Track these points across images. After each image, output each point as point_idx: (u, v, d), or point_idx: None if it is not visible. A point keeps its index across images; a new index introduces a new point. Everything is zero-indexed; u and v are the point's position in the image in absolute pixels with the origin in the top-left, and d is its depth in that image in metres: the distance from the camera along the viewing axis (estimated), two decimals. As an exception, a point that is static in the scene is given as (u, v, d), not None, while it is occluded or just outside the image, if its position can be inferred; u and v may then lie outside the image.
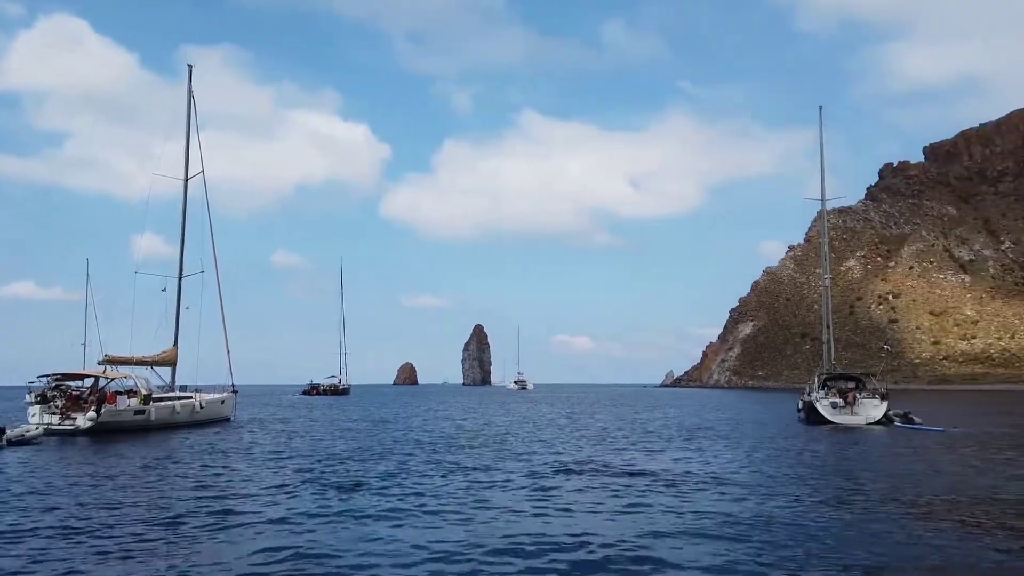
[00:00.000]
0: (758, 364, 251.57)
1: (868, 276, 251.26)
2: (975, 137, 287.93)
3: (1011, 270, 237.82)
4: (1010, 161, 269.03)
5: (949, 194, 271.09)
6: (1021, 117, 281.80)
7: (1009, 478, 17.58)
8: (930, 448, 25.51)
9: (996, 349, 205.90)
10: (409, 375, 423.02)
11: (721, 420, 45.54)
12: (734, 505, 13.77)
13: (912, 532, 11.33)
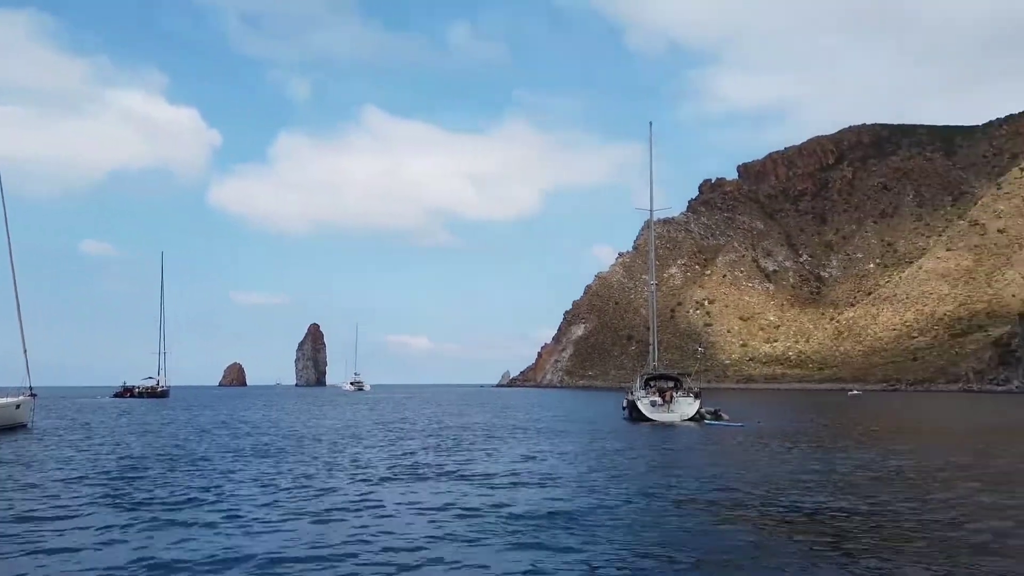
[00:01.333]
0: (588, 364, 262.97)
1: (688, 283, 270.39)
2: (780, 159, 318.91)
3: (807, 280, 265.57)
4: (809, 182, 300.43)
5: (758, 210, 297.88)
6: (818, 143, 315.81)
7: (795, 468, 19.39)
8: (732, 442, 27.69)
9: (793, 351, 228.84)
10: (237, 376, 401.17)
11: (552, 419, 46.92)
12: (553, 502, 14.05)
13: (712, 522, 12.10)
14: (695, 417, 39.92)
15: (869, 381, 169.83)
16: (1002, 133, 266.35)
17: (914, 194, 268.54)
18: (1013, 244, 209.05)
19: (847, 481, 17.12)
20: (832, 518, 12.57)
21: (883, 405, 73.23)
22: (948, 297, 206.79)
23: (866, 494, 15.04)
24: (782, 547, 10.44)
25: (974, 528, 11.63)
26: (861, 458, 21.91)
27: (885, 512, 13.03)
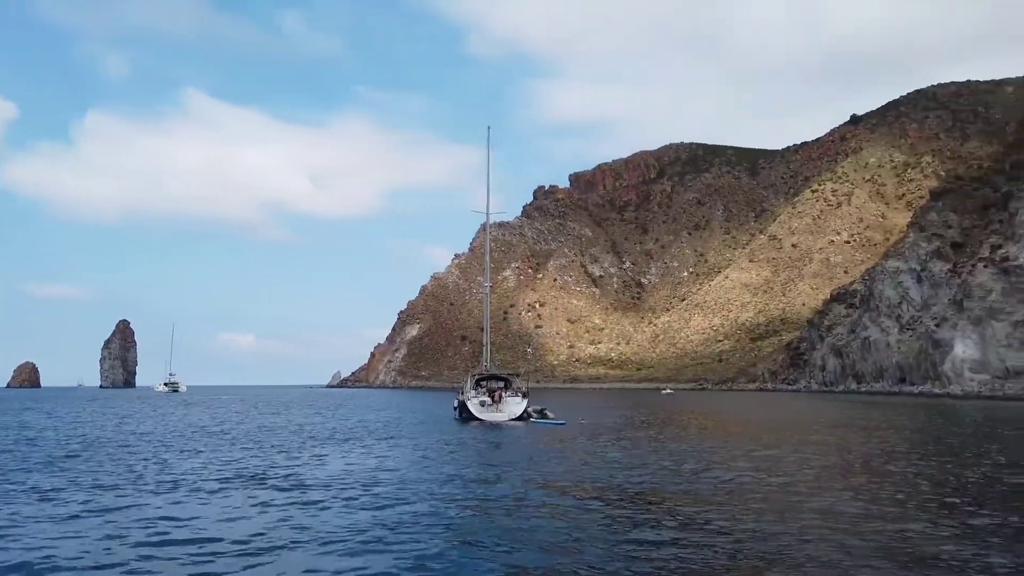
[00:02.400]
0: (422, 365, 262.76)
1: (520, 286, 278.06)
2: (608, 170, 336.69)
3: (629, 286, 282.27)
4: (633, 194, 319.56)
5: (587, 217, 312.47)
6: (642, 158, 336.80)
7: (608, 460, 20.86)
8: (555, 439, 29.14)
9: (616, 353, 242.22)
10: (29, 376, 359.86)
11: (383, 420, 46.62)
12: (380, 506, 14.20)
13: (531, 515, 12.85)
14: (523, 416, 41.32)
15: (681, 381, 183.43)
16: (797, 158, 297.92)
17: (723, 209, 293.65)
18: (804, 258, 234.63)
19: (660, 468, 18.70)
20: (646, 501, 13.77)
21: (691, 402, 79.67)
22: (749, 305, 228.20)
23: (670, 479, 16.56)
24: (597, 534, 11.33)
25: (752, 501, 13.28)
26: (670, 449, 23.94)
27: (685, 493, 14.47)
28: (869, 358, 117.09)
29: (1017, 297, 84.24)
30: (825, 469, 19.91)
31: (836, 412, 55.28)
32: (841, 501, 14.19)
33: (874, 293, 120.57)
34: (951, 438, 30.24)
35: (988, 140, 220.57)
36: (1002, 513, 13.12)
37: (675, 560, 9.78)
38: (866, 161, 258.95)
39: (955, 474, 18.54)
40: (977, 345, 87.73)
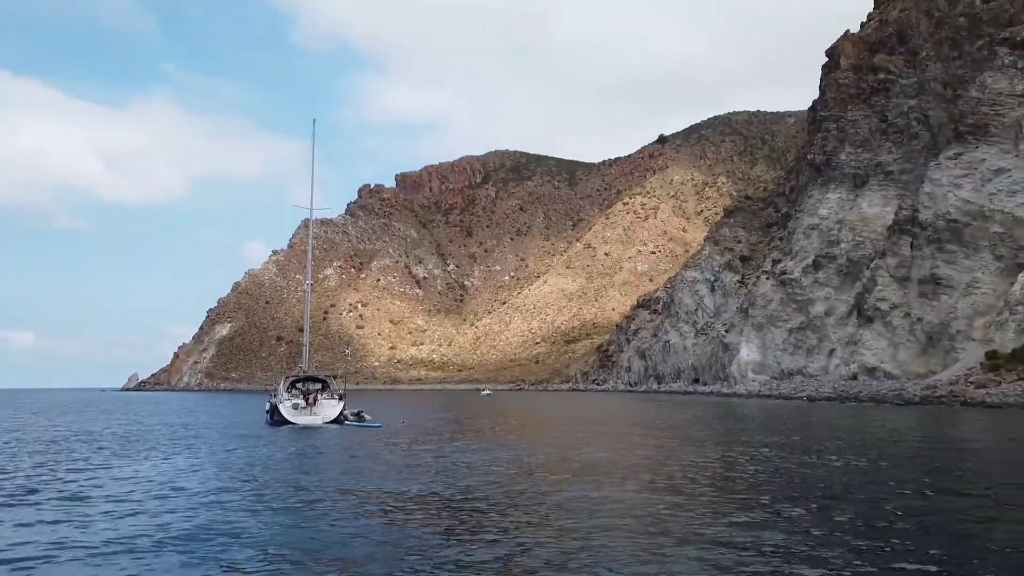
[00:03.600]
0: (232, 366, 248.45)
1: (342, 285, 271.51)
2: (435, 172, 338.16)
3: (453, 288, 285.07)
4: (459, 197, 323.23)
5: (413, 219, 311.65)
6: (469, 162, 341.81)
7: (422, 461, 21.08)
8: (369, 441, 28.89)
9: (438, 355, 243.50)
10: None
11: (185, 425, 43.62)
12: (181, 519, 13.41)
13: (337, 518, 12.72)
14: (338, 419, 40.45)
15: (500, 382, 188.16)
16: (612, 172, 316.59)
17: (544, 217, 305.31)
18: (615, 266, 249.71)
19: (468, 469, 19.15)
20: (457, 503, 14.07)
21: (508, 402, 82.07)
22: (565, 309, 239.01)
23: (479, 479, 17.05)
24: (402, 536, 11.45)
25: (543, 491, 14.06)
26: (474, 448, 24.58)
27: (500, 494, 14.97)
28: (669, 360, 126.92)
29: (792, 307, 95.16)
30: (616, 466, 21.38)
31: (640, 409, 59.44)
32: (641, 497, 15.36)
33: (674, 300, 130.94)
34: (743, 432, 33.63)
35: (772, 165, 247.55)
36: (784, 499, 14.86)
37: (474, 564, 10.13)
38: (671, 178, 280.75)
39: (740, 464, 20.68)
40: (759, 349, 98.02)
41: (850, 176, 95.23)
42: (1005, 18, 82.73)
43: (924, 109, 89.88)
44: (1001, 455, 23.92)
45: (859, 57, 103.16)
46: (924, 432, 33.38)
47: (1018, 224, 70.28)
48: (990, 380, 57.28)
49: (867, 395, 66.36)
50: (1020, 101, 73.85)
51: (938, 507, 13.88)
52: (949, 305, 71.75)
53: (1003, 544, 10.77)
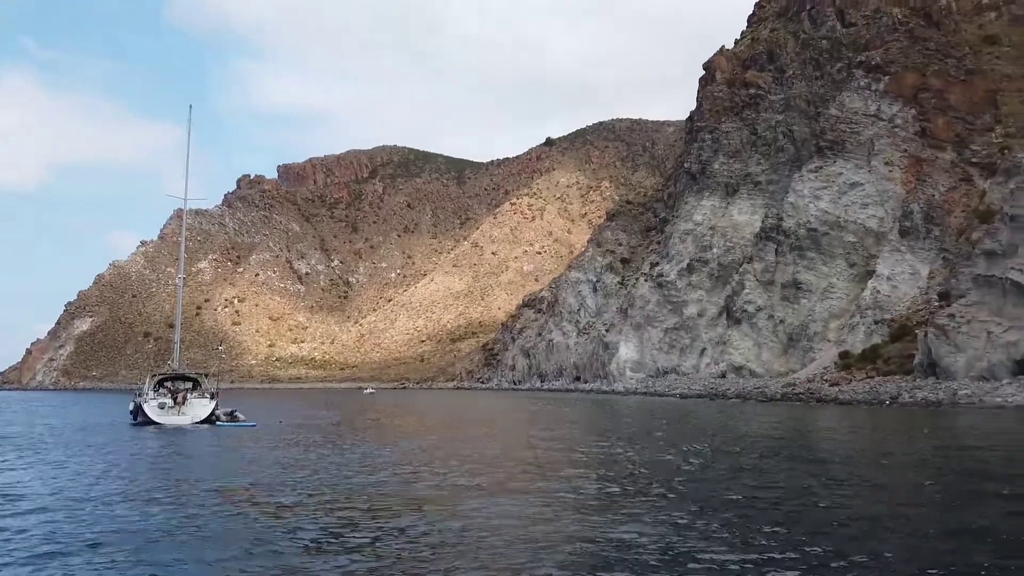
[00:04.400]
0: (93, 364, 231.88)
1: (218, 279, 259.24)
2: (320, 165, 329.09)
3: (337, 285, 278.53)
4: (345, 192, 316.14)
5: (295, 212, 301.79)
6: (356, 156, 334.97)
7: (292, 461, 20.44)
8: (243, 442, 27.73)
9: (319, 352, 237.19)
10: None
11: (35, 428, 40.25)
12: (31, 530, 12.34)
13: (204, 519, 12.09)
14: (209, 419, 38.61)
15: (384, 380, 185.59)
16: (500, 172, 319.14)
17: (432, 214, 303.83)
18: (502, 266, 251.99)
19: (347, 469, 18.72)
20: (335, 503, 13.68)
21: (391, 401, 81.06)
22: (451, 307, 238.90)
23: (359, 480, 16.70)
24: (272, 543, 11.01)
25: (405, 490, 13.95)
26: (354, 448, 24.11)
27: (379, 493, 14.69)
28: (552, 358, 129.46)
29: (668, 308, 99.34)
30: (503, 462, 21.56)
31: (521, 406, 60.25)
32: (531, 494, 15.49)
33: (559, 300, 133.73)
34: (622, 428, 34.68)
35: (652, 172, 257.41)
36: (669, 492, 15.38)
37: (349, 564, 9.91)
38: (557, 181, 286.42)
39: (629, 457, 21.31)
40: (637, 348, 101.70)
41: (723, 185, 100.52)
42: (861, 43, 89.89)
43: (789, 124, 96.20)
44: (843, 446, 25.94)
45: (733, 72, 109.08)
46: (782, 428, 35.68)
47: (869, 234, 76.53)
48: (842, 378, 62.04)
49: (734, 392, 70.22)
50: (873, 121, 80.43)
51: (805, 496, 14.86)
52: (808, 308, 77.13)
53: (842, 514, 11.68)
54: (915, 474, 18.36)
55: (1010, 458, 21.53)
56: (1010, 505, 13.58)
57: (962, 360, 50.83)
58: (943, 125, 77.63)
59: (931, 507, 13.95)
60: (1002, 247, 51.14)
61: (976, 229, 60.59)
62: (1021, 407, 41.32)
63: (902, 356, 58.89)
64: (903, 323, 63.88)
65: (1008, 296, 50.04)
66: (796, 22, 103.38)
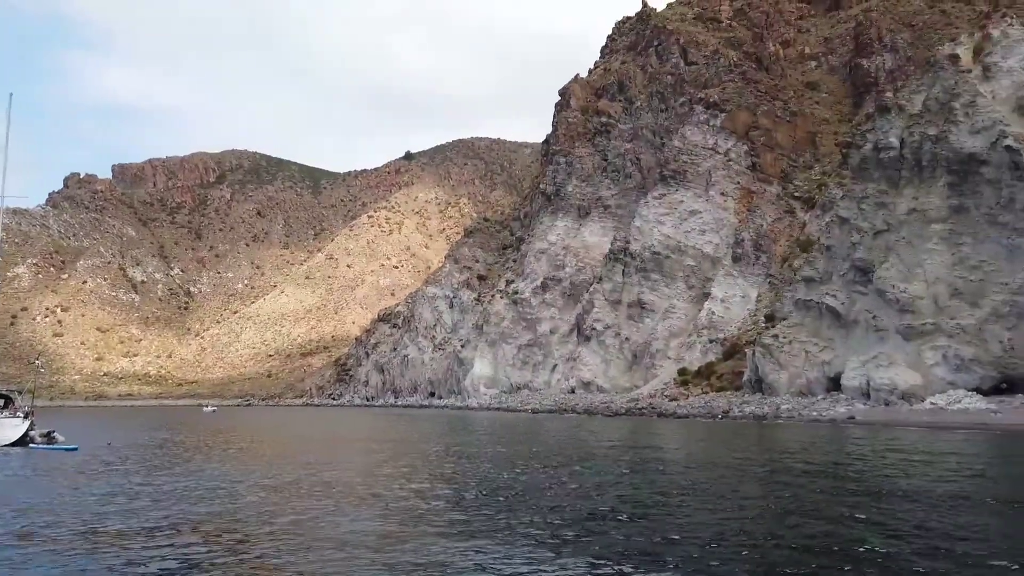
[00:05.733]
0: None
1: (38, 286, 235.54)
2: (162, 167, 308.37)
3: (177, 295, 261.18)
4: (188, 196, 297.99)
5: (131, 215, 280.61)
6: (202, 159, 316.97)
7: (113, 489, 18.89)
8: (60, 468, 25.26)
9: (155, 367, 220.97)
10: None
11: None
12: None
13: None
14: (22, 441, 34.87)
15: (227, 397, 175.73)
16: (358, 183, 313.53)
17: (284, 224, 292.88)
18: (357, 279, 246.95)
19: (177, 495, 17.51)
20: (158, 533, 12.72)
21: (234, 419, 76.83)
22: (303, 321, 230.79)
23: (194, 507, 15.67)
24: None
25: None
26: (187, 471, 22.66)
27: (215, 519, 13.82)
28: (407, 374, 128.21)
29: (522, 325, 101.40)
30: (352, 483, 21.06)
31: (373, 423, 59.08)
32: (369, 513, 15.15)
33: (415, 315, 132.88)
34: (472, 446, 34.79)
35: (510, 191, 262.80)
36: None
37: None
38: (416, 195, 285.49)
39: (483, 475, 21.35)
40: (491, 364, 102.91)
41: (576, 207, 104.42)
42: (702, 81, 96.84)
43: (637, 152, 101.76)
44: (680, 456, 27.58)
45: (586, 100, 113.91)
46: (623, 441, 37.35)
47: (706, 259, 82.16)
48: (680, 394, 65.95)
49: (582, 408, 72.68)
50: (711, 153, 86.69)
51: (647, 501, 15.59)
52: (651, 327, 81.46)
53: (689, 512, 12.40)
54: (727, 478, 19.85)
55: (804, 469, 23.75)
56: (804, 504, 14.99)
57: (784, 377, 55.56)
58: (771, 161, 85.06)
59: (736, 506, 15.13)
60: (819, 274, 56.58)
61: (797, 257, 66.74)
62: (833, 420, 45.72)
63: (733, 373, 63.50)
64: (734, 342, 68.98)
65: (824, 319, 55.36)
66: (644, 56, 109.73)
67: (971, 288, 45.54)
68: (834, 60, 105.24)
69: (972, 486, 18.78)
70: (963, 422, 38.76)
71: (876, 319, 49.74)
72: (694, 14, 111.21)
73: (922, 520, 13.91)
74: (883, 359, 48.45)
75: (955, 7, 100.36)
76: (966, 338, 45.21)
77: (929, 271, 47.41)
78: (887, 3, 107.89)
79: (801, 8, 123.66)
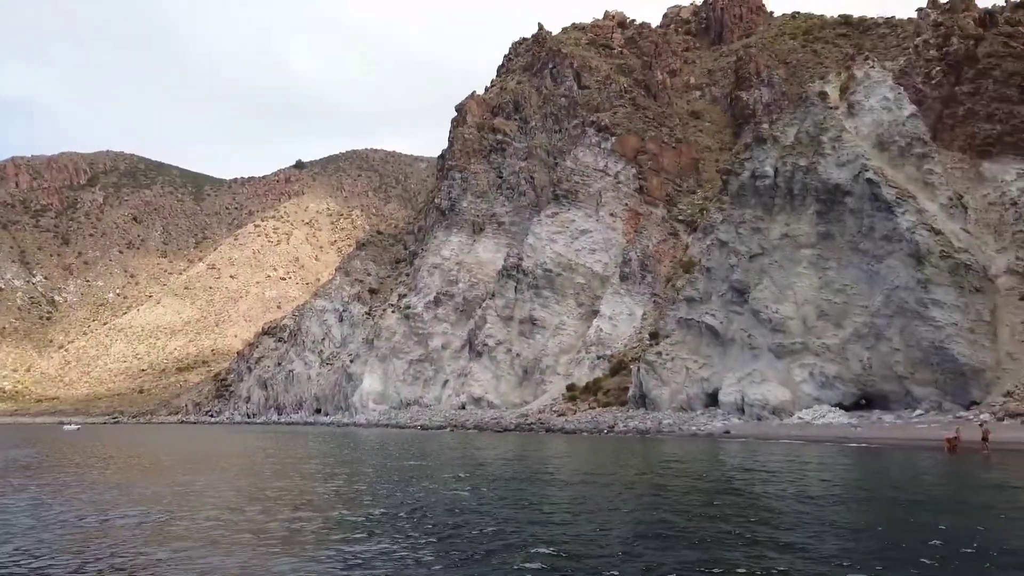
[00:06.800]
0: None
1: None
2: (26, 166, 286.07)
3: (38, 304, 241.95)
4: (55, 198, 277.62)
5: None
6: (72, 159, 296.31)
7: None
8: None
9: (10, 382, 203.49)
10: None
11: None
12: None
13: None
14: None
15: (92, 414, 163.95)
16: (245, 191, 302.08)
17: (162, 231, 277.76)
18: (241, 291, 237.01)
19: (20, 527, 15.96)
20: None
21: (98, 438, 71.52)
22: (180, 333, 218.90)
23: (41, 538, 14.29)
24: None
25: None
26: (36, 500, 20.82)
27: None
28: (292, 390, 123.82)
29: (414, 340, 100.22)
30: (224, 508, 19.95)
31: (261, 443, 56.50)
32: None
33: (302, 329, 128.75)
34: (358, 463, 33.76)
35: (404, 205, 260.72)
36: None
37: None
38: (307, 205, 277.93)
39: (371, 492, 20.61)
40: (381, 379, 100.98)
41: (470, 223, 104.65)
42: (594, 105, 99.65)
43: (531, 171, 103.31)
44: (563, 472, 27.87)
45: (483, 117, 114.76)
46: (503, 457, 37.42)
47: (595, 277, 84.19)
48: (568, 409, 66.94)
49: (472, 423, 72.47)
50: (601, 175, 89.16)
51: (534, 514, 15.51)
52: (542, 343, 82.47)
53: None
54: (603, 491, 20.21)
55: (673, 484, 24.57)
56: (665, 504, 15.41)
57: (666, 393, 57.48)
58: (657, 185, 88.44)
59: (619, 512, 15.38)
60: (699, 295, 59.05)
61: (680, 278, 69.39)
62: (711, 434, 47.62)
63: (619, 389, 65.13)
64: (621, 359, 70.83)
65: (703, 337, 57.75)
66: (540, 78, 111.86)
67: (835, 310, 48.77)
68: (716, 91, 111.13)
69: (829, 493, 19.94)
70: (827, 436, 41.28)
71: (751, 338, 52.36)
72: (588, 39, 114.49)
73: (778, 522, 14.58)
74: (756, 376, 51.00)
75: (825, 48, 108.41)
76: (830, 356, 48.30)
77: (799, 293, 50.44)
78: (765, 41, 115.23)
79: (687, 41, 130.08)
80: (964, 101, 54.26)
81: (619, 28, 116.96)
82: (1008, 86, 52.22)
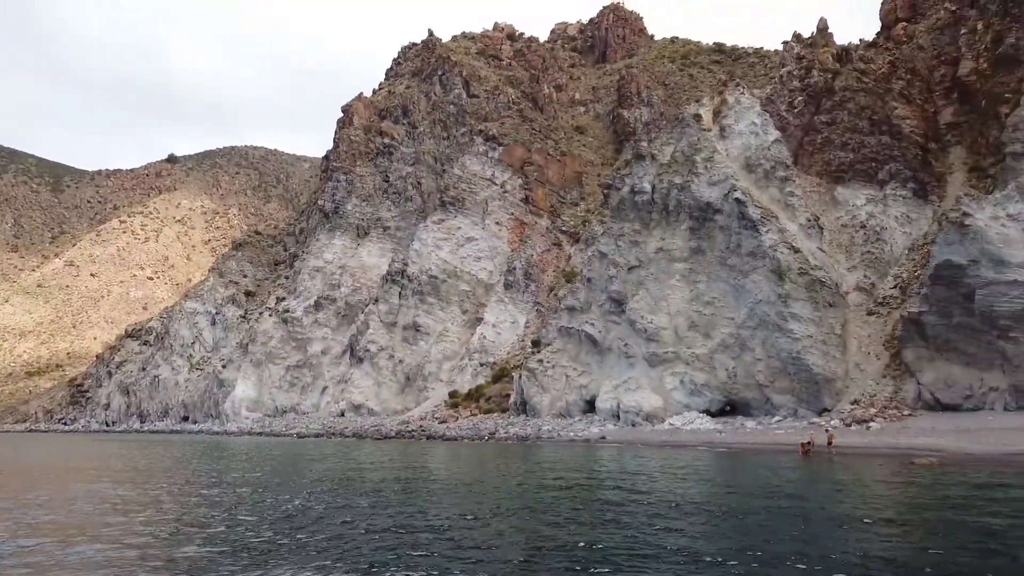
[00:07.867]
0: None
1: None
2: None
3: None
4: None
5: None
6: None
7: None
8: None
9: None
10: None
11: None
12: None
13: None
14: None
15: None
16: (109, 184, 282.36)
17: (14, 223, 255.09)
18: (103, 290, 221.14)
19: None
20: None
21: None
22: (31, 335, 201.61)
23: None
24: None
25: None
26: None
27: None
28: (157, 396, 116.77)
29: (292, 345, 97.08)
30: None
31: (118, 451, 52.89)
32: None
33: (170, 332, 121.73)
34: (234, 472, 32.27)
35: (285, 205, 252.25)
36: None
37: None
38: (179, 202, 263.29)
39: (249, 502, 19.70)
40: (255, 386, 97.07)
41: (354, 226, 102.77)
42: (482, 114, 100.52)
43: (418, 177, 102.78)
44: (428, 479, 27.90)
45: (370, 119, 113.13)
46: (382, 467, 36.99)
47: (480, 285, 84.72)
48: (450, 416, 66.91)
49: (351, 431, 70.96)
50: (488, 184, 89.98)
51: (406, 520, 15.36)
52: (425, 350, 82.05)
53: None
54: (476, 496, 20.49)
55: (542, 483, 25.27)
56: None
57: (547, 399, 58.63)
58: (542, 196, 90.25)
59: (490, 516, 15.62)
60: (580, 304, 60.70)
61: (562, 287, 71.12)
62: (588, 440, 48.97)
63: (501, 395, 65.79)
64: (503, 366, 71.61)
65: (583, 345, 59.37)
66: (429, 84, 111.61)
67: (704, 321, 51.47)
68: (600, 108, 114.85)
69: (691, 494, 21.07)
70: (695, 440, 43.44)
71: (627, 347, 54.34)
72: (477, 49, 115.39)
73: (642, 522, 15.29)
74: (632, 383, 52.98)
75: (700, 72, 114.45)
76: (699, 365, 50.91)
77: (672, 304, 52.87)
78: (646, 62, 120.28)
79: (573, 57, 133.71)
80: (822, 130, 58.82)
81: (508, 40, 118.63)
82: (860, 118, 57.08)
